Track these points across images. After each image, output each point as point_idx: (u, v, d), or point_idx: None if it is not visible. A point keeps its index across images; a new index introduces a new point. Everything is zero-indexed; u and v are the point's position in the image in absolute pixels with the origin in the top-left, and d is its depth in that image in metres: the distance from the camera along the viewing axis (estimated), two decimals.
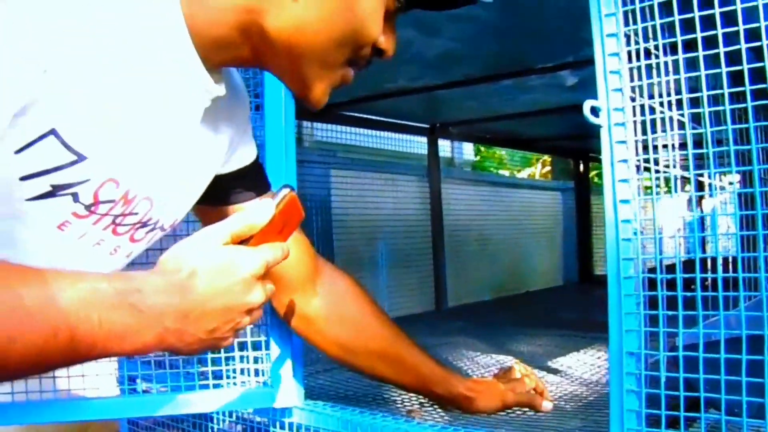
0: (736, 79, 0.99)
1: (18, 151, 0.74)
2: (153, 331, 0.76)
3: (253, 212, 0.84)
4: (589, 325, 1.57)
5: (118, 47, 0.79)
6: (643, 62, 1.07)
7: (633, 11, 1.08)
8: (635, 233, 1.06)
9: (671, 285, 1.02)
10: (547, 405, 1.45)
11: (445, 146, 4.93)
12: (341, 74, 0.94)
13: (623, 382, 1.06)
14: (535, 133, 4.33)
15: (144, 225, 0.96)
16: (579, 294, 4.37)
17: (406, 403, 1.59)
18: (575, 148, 4.82)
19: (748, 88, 0.97)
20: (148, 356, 1.55)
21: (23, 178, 0.76)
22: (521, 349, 2.34)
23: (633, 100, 1.08)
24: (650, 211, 1.08)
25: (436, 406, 1.51)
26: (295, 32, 0.87)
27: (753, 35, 0.97)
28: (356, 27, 0.89)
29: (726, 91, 0.99)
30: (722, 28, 0.99)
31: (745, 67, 0.97)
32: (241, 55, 0.92)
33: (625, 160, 1.07)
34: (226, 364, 1.50)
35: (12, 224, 0.69)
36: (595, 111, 1.09)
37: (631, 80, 1.09)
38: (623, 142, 1.07)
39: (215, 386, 1.48)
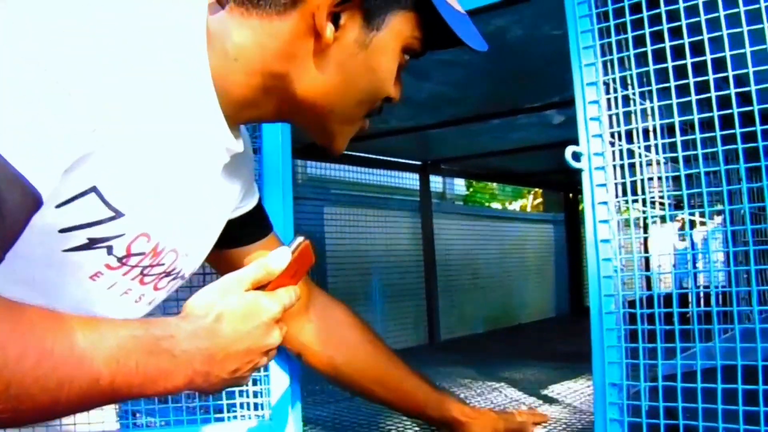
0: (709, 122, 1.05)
1: (59, 206, 0.78)
2: (184, 373, 0.80)
3: (271, 259, 0.91)
4: (580, 355, 1.61)
5: (154, 109, 0.83)
6: (621, 110, 1.14)
7: (611, 61, 1.14)
8: (615, 271, 1.12)
9: (654, 319, 1.08)
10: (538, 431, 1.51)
11: (437, 180, 4.97)
12: (360, 125, 1.03)
13: (606, 411, 1.12)
14: (525, 168, 4.38)
15: (168, 275, 1.00)
16: (570, 325, 4.39)
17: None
18: (564, 181, 4.86)
19: (718, 133, 1.04)
20: None
21: (62, 231, 0.79)
22: (514, 378, 2.38)
23: (612, 144, 1.15)
24: (638, 246, 1.13)
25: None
26: (322, 96, 0.96)
27: (722, 83, 1.04)
28: (376, 87, 0.98)
29: (698, 136, 1.06)
30: (693, 77, 1.06)
31: (716, 114, 1.03)
32: (264, 114, 1.00)
33: (605, 202, 1.13)
34: (227, 399, 1.54)
35: (48, 273, 0.72)
36: (576, 156, 1.15)
37: (610, 126, 1.15)
38: (603, 185, 1.13)
39: (216, 420, 1.51)
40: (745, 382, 0.98)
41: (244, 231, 1.21)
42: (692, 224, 1.15)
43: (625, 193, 1.12)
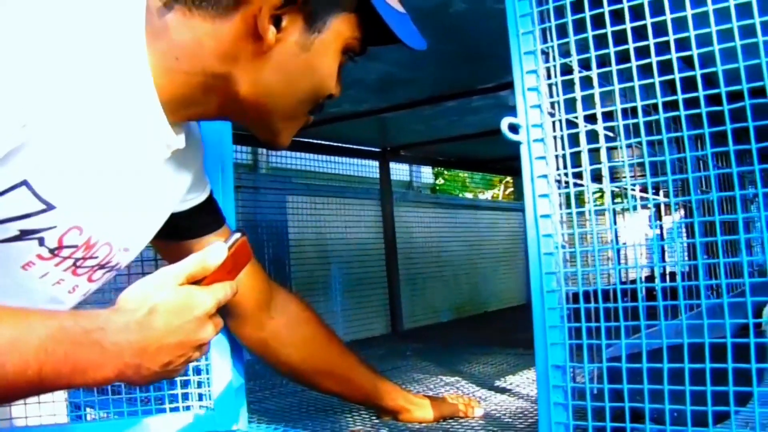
0: (650, 91, 1.01)
1: None
2: (114, 365, 0.81)
3: (207, 254, 0.91)
4: None
5: (90, 105, 0.84)
6: (560, 78, 1.09)
7: (550, 29, 1.10)
8: (557, 247, 1.07)
9: (597, 299, 1.04)
10: (478, 411, 1.65)
11: (403, 170, 4.93)
12: (303, 121, 1.06)
13: (550, 395, 1.07)
14: (488, 154, 4.35)
15: (102, 267, 1.02)
16: None
17: (349, 423, 1.59)
18: None
19: (660, 100, 0.99)
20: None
21: None
22: (472, 369, 2.35)
23: (552, 115, 1.10)
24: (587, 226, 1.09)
25: (377, 425, 1.59)
26: (264, 96, 0.99)
27: (663, 48, 1.00)
28: (317, 87, 1.01)
29: (639, 103, 1.01)
30: (634, 42, 1.01)
31: (657, 80, 0.99)
32: (207, 112, 1.02)
33: (544, 176, 1.08)
34: (169, 390, 1.51)
35: None
36: (513, 128, 1.10)
37: (550, 96, 1.10)
38: (542, 158, 1.09)
39: (159, 411, 1.50)
40: (692, 361, 0.94)
41: (193, 223, 1.23)
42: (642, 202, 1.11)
43: (566, 167, 1.08)
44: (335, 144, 3.61)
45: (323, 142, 3.54)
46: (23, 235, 0.86)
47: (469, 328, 3.87)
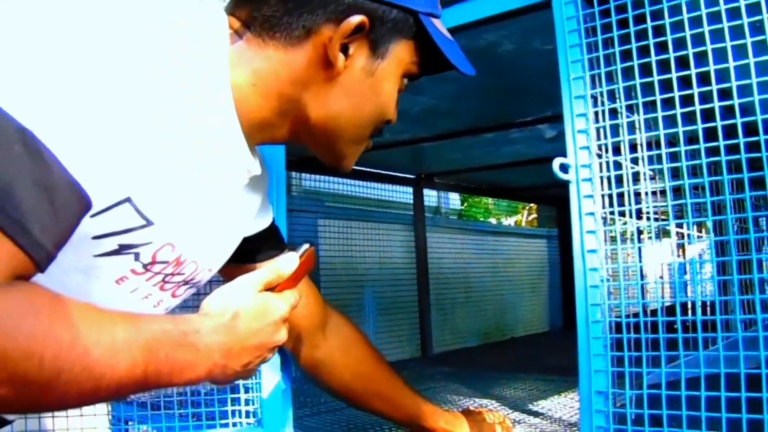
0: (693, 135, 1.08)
1: (94, 215, 0.83)
2: (205, 365, 0.88)
3: (281, 264, 1.00)
4: (572, 369, 1.63)
5: (182, 128, 0.89)
6: (608, 122, 1.16)
7: (599, 75, 1.17)
8: (602, 280, 1.14)
9: (639, 328, 1.10)
10: None
11: (432, 195, 4.98)
12: (365, 145, 1.12)
13: (593, 419, 1.13)
14: (517, 183, 4.39)
15: (186, 283, 1.08)
16: (563, 339, 4.38)
17: None
18: (557, 196, 4.86)
19: (702, 146, 1.06)
20: (142, 398, 1.62)
21: (95, 237, 0.84)
22: (504, 393, 2.38)
23: (599, 156, 1.17)
24: (629, 260, 1.15)
25: None
26: (332, 119, 1.04)
27: (705, 98, 1.06)
28: (380, 111, 1.07)
29: (682, 148, 1.08)
30: (679, 90, 1.08)
31: (699, 126, 1.06)
32: (279, 136, 1.07)
33: (591, 213, 1.15)
34: (219, 406, 1.56)
35: (77, 277, 0.77)
36: (564, 168, 1.17)
37: (598, 139, 1.17)
38: (590, 196, 1.15)
39: (208, 427, 1.54)
40: (729, 390, 1.00)
41: (259, 248, 1.28)
42: (680, 239, 1.17)
43: (612, 205, 1.14)
44: (371, 170, 3.64)
45: (358, 168, 3.54)
46: (121, 249, 0.90)
47: (496, 354, 3.89)
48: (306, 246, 1.03)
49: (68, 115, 0.74)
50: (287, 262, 1.00)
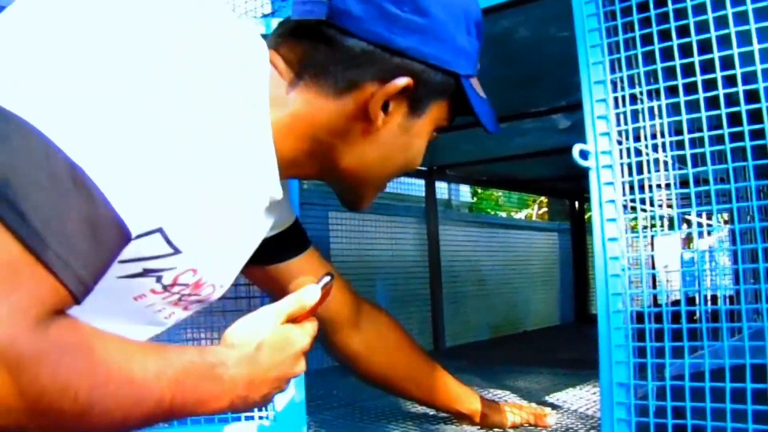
0: (716, 121, 1.05)
1: None
2: (228, 397, 0.88)
3: (303, 296, 1.00)
4: (585, 362, 1.62)
5: (223, 165, 0.90)
6: (629, 107, 1.14)
7: (619, 60, 1.14)
8: (623, 269, 1.12)
9: (661, 318, 1.08)
10: (550, 420, 1.71)
11: (442, 188, 4.95)
12: (384, 187, 1.16)
13: (614, 411, 1.11)
14: (530, 175, 4.36)
15: (200, 302, 1.08)
16: (575, 333, 4.37)
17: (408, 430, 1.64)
18: (570, 189, 4.85)
19: (726, 131, 1.03)
20: None
21: (121, 261, 0.83)
22: (518, 385, 2.36)
23: (620, 143, 1.14)
24: (648, 249, 1.13)
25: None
26: (362, 169, 1.07)
27: (730, 81, 1.04)
28: (409, 162, 1.11)
29: (706, 134, 1.05)
30: (701, 75, 1.06)
31: (723, 112, 1.03)
32: (305, 173, 1.10)
33: (612, 201, 1.13)
34: None
35: (97, 297, 0.76)
36: (584, 154, 1.15)
37: (618, 125, 1.15)
38: (610, 183, 1.13)
39: (221, 420, 1.53)
40: (754, 380, 0.98)
41: (282, 248, 1.31)
42: (700, 228, 1.15)
43: (632, 192, 1.12)
44: None
45: None
46: (146, 272, 0.91)
47: (509, 347, 3.87)
48: (328, 278, 1.05)
49: (114, 150, 0.73)
50: (309, 294, 1.01)
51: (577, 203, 5.08)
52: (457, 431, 1.69)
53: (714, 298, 1.11)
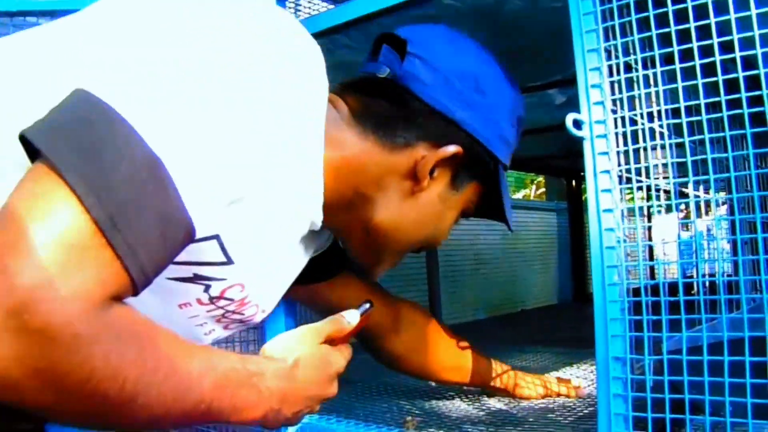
0: (712, 89, 1.03)
1: None
2: (263, 408, 0.89)
3: (343, 319, 1.05)
4: (583, 341, 1.61)
5: (282, 185, 0.91)
6: (623, 76, 1.11)
7: (613, 27, 1.12)
8: (618, 241, 1.09)
9: (658, 292, 1.06)
10: (583, 391, 1.76)
11: None
12: (400, 259, 1.19)
13: (610, 386, 1.09)
14: (526, 153, 4.32)
15: (241, 322, 1.10)
16: (573, 312, 4.36)
17: (404, 414, 1.62)
18: (567, 167, 4.81)
19: (723, 98, 1.01)
20: None
21: (174, 262, 0.83)
22: (517, 364, 2.32)
23: (614, 112, 1.12)
24: (644, 221, 1.11)
25: (429, 413, 1.64)
26: (392, 228, 1.10)
27: (726, 47, 1.01)
28: (436, 234, 1.15)
29: (702, 101, 1.03)
30: (697, 41, 1.03)
31: (720, 78, 1.01)
32: (333, 222, 1.10)
33: (607, 171, 1.10)
34: None
35: (144, 295, 0.76)
36: (577, 124, 1.12)
37: (612, 93, 1.12)
38: (605, 153, 1.11)
39: None
40: (753, 354, 0.96)
41: (324, 267, 1.33)
42: (697, 198, 1.12)
43: (627, 162, 1.10)
44: None
45: None
46: (195, 278, 0.92)
47: (506, 326, 3.87)
48: (367, 306, 1.10)
49: (193, 149, 0.75)
50: (350, 319, 1.06)
51: (574, 182, 5.05)
52: (447, 405, 1.71)
53: (712, 275, 1.08)
